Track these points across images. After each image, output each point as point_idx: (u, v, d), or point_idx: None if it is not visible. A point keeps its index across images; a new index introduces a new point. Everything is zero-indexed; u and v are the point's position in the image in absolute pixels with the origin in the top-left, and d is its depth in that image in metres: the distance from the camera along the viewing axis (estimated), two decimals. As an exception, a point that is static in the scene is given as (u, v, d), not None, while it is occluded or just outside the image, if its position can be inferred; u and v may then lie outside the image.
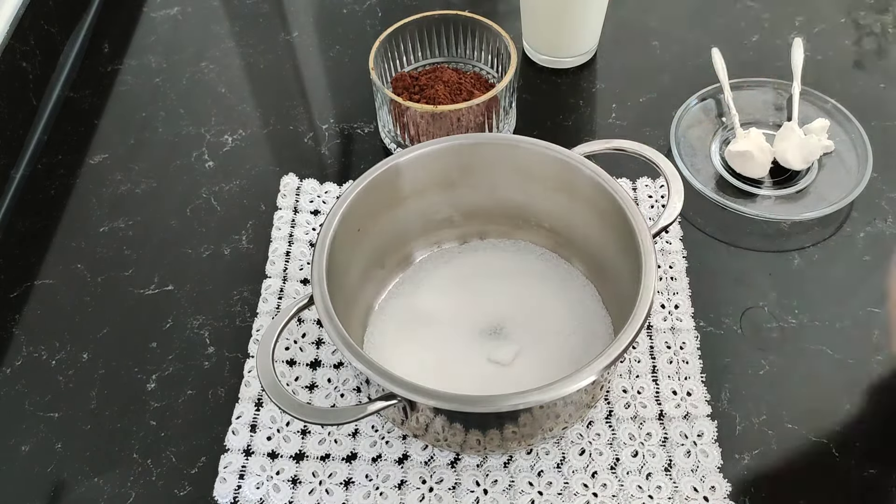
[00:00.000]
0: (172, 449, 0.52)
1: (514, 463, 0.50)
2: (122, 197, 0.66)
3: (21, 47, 0.69)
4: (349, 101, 0.72)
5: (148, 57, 0.76)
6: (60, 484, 0.51)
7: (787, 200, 0.62)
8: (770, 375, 0.54)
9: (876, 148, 0.63)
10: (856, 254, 0.60)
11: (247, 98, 0.73)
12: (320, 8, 0.81)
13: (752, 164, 0.62)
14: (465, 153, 0.54)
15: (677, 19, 0.77)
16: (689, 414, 0.52)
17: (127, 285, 0.60)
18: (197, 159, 0.68)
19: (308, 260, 0.60)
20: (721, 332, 0.56)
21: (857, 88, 0.70)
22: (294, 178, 0.65)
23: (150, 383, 0.55)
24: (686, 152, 0.64)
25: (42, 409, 0.54)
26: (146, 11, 0.81)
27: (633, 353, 0.54)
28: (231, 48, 0.77)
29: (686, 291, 0.57)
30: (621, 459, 0.50)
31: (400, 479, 0.50)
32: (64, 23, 0.76)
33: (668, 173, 0.53)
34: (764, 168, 0.63)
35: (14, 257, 0.62)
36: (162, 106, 0.72)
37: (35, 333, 0.58)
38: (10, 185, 0.66)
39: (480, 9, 0.77)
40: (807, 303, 0.57)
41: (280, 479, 0.50)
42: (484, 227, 0.59)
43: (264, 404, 0.53)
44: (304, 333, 0.56)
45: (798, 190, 0.62)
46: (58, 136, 0.70)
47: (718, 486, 0.49)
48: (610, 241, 0.52)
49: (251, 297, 0.59)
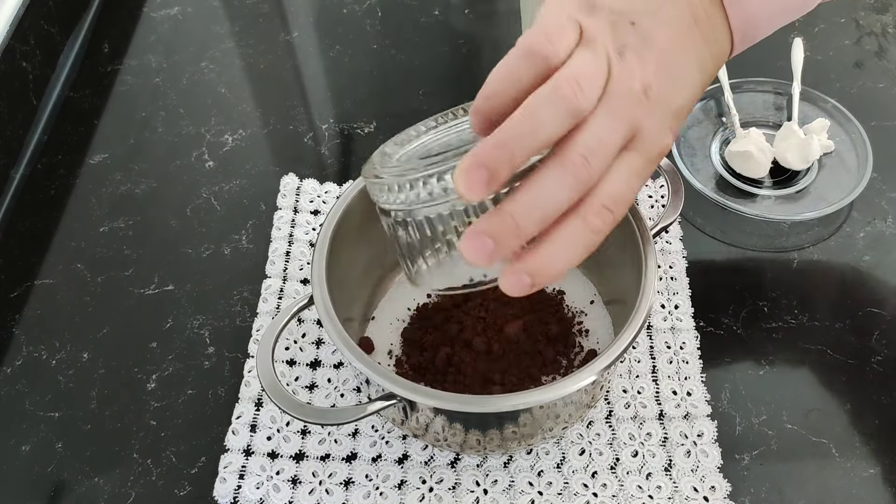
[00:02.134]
0: (172, 449, 0.52)
1: (514, 463, 0.50)
2: (122, 197, 0.66)
3: (21, 47, 0.69)
4: (349, 101, 0.72)
5: (148, 57, 0.76)
6: (60, 484, 0.51)
7: (787, 200, 0.62)
8: (770, 375, 0.54)
9: (876, 148, 0.63)
10: (856, 254, 0.60)
11: (247, 98, 0.73)
12: (320, 8, 0.81)
13: (752, 164, 0.62)
14: (465, 153, 0.54)
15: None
16: (689, 414, 0.52)
17: (127, 285, 0.60)
18: (197, 159, 0.68)
19: (308, 260, 0.60)
20: (721, 332, 0.56)
21: (857, 88, 0.70)
22: (294, 178, 0.65)
23: (150, 383, 0.55)
24: (686, 152, 0.64)
25: (42, 409, 0.54)
26: (146, 11, 0.81)
27: (633, 353, 0.54)
28: (231, 48, 0.77)
29: (686, 291, 0.57)
30: (621, 459, 0.50)
31: (400, 479, 0.50)
32: (64, 23, 0.76)
33: (668, 173, 0.53)
34: (764, 168, 0.63)
35: (14, 257, 0.62)
36: (162, 106, 0.72)
37: (35, 333, 0.58)
38: (10, 185, 0.66)
39: (480, 8, 0.77)
40: (807, 303, 0.57)
41: (280, 479, 0.50)
42: (484, 227, 0.59)
43: (264, 404, 0.53)
44: (304, 333, 0.56)
45: (798, 190, 0.62)
46: (58, 136, 0.70)
47: (718, 486, 0.49)
48: (610, 241, 0.52)
49: (251, 297, 0.59)
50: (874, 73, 0.71)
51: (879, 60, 0.72)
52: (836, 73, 0.71)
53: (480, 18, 0.77)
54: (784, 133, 0.64)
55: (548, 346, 0.52)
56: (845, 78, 0.71)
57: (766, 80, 0.69)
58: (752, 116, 0.67)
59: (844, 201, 0.60)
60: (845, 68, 0.72)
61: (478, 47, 0.75)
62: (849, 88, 0.70)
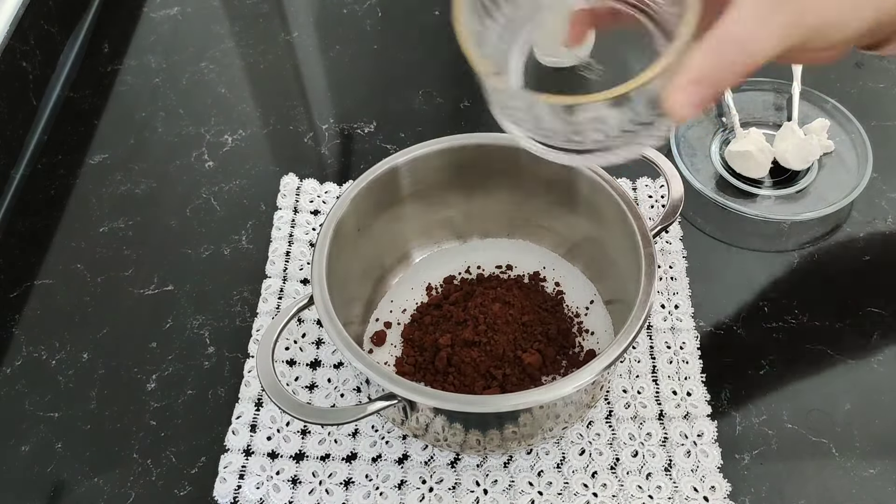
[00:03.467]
0: (172, 449, 0.52)
1: (514, 463, 0.50)
2: (122, 197, 0.66)
3: (21, 47, 0.69)
4: (349, 101, 0.72)
5: (148, 57, 0.76)
6: (60, 484, 0.51)
7: (787, 200, 0.62)
8: (770, 375, 0.54)
9: (876, 148, 0.63)
10: (856, 254, 0.60)
11: (247, 98, 0.73)
12: (320, 8, 0.81)
13: (753, 164, 0.62)
14: (464, 153, 0.54)
15: (677, 19, 0.77)
16: (689, 414, 0.52)
17: (127, 285, 0.60)
18: (197, 159, 0.68)
19: (308, 260, 0.60)
20: (721, 332, 0.56)
21: (857, 88, 0.70)
22: (294, 178, 0.65)
23: (150, 383, 0.55)
24: (686, 152, 0.64)
25: (42, 409, 0.54)
26: (146, 11, 0.81)
27: (633, 353, 0.54)
28: (231, 48, 0.77)
29: (686, 291, 0.57)
30: (621, 459, 0.50)
31: (400, 479, 0.50)
32: (64, 23, 0.76)
33: (668, 173, 0.53)
34: (764, 168, 0.63)
35: (14, 257, 0.62)
36: (162, 106, 0.72)
37: (35, 333, 0.58)
38: (10, 185, 0.66)
39: (480, 9, 0.77)
40: (807, 303, 0.57)
41: (280, 479, 0.50)
42: (484, 227, 0.59)
43: (264, 404, 0.53)
44: (304, 333, 0.56)
45: (798, 190, 0.62)
46: (58, 136, 0.70)
47: (718, 486, 0.49)
48: (610, 241, 0.53)
49: (251, 297, 0.59)
50: (874, 74, 0.71)
51: (880, 61, 0.72)
52: (836, 73, 0.71)
53: (480, 18, 0.77)
54: (784, 133, 0.64)
55: (548, 346, 0.52)
56: (845, 78, 0.71)
57: (765, 80, 0.69)
58: (751, 116, 0.67)
59: (845, 201, 0.60)
60: (845, 68, 0.72)
61: (478, 47, 0.74)
62: (849, 88, 0.70)
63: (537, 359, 0.51)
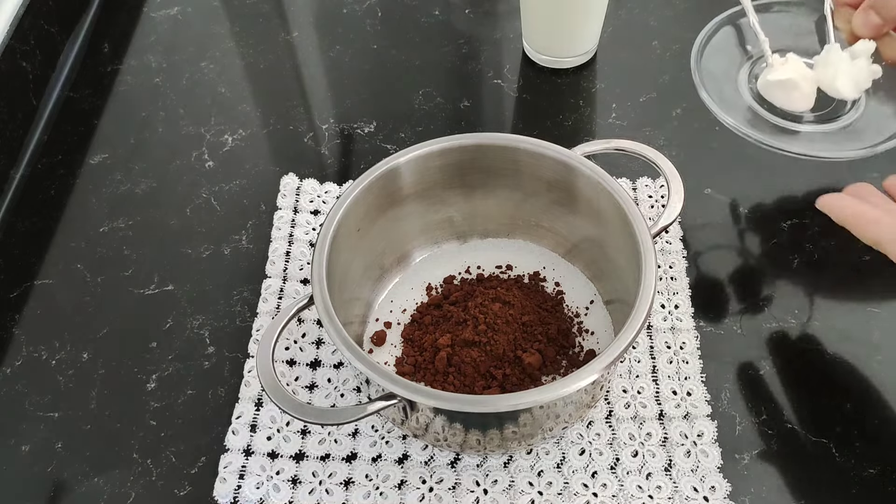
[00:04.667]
0: (172, 449, 0.52)
1: (514, 463, 0.50)
2: (122, 197, 0.66)
3: (21, 47, 0.69)
4: (349, 101, 0.72)
5: (148, 57, 0.76)
6: (60, 484, 0.51)
7: (834, 136, 0.54)
8: (770, 375, 0.54)
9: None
10: (856, 253, 0.60)
11: (247, 98, 0.73)
12: (320, 8, 0.81)
13: (797, 94, 0.54)
14: (464, 153, 0.54)
15: (677, 19, 0.77)
16: (689, 414, 0.52)
17: (127, 285, 0.60)
18: (197, 159, 0.68)
19: (308, 260, 0.60)
20: (721, 332, 0.56)
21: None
22: (294, 178, 0.65)
23: (150, 383, 0.55)
24: (711, 87, 0.55)
25: (42, 409, 0.54)
26: (146, 11, 0.81)
27: (633, 353, 0.54)
28: (231, 48, 0.77)
29: (686, 291, 0.57)
30: (621, 459, 0.50)
31: (400, 479, 0.50)
32: (64, 23, 0.76)
33: (668, 173, 0.53)
34: (809, 99, 0.55)
35: (14, 257, 0.62)
36: (162, 106, 0.72)
37: (35, 333, 0.58)
38: (10, 185, 0.66)
39: (480, 8, 0.77)
40: (807, 303, 0.57)
41: (280, 479, 0.50)
42: (484, 227, 0.59)
43: (264, 404, 0.53)
44: (304, 333, 0.56)
45: (845, 125, 0.54)
46: (58, 136, 0.70)
47: (718, 486, 0.49)
48: (610, 241, 0.52)
49: (251, 297, 0.59)
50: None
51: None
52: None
53: (480, 18, 0.77)
54: (827, 57, 0.54)
55: (548, 346, 0.52)
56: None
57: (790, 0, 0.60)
58: (777, 43, 0.57)
59: None
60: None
61: (478, 47, 0.74)
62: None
63: (537, 359, 0.51)
